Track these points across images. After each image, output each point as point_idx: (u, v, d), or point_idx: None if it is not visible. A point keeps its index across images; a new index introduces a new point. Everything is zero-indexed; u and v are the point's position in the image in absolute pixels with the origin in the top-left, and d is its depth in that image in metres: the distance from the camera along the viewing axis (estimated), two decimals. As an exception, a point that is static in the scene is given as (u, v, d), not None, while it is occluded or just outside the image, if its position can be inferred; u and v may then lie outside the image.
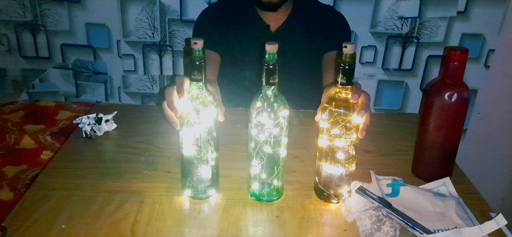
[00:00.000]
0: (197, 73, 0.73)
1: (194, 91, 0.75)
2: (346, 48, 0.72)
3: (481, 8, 1.53)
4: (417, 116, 1.22)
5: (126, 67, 1.65)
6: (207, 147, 0.78)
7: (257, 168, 0.79)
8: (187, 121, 0.76)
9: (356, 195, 0.78)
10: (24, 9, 1.56)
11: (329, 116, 0.76)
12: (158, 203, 0.80)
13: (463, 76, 0.83)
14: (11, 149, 1.28)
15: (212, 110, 0.76)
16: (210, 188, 0.82)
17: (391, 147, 1.05)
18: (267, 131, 0.75)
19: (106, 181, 0.87)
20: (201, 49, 0.72)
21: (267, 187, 0.81)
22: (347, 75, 0.73)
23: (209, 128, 0.77)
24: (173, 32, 1.59)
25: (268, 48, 0.70)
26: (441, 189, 0.86)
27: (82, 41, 1.61)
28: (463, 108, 0.85)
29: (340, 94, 0.75)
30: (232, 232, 0.74)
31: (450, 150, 0.89)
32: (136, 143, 1.02)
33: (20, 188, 1.18)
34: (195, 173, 0.80)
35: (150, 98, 1.72)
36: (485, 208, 0.82)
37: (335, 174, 0.79)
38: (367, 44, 1.60)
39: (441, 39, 1.58)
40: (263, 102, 0.74)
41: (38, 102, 1.55)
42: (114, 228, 0.74)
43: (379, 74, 1.66)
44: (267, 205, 0.81)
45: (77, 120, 1.03)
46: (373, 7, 1.54)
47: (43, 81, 1.69)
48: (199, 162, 0.79)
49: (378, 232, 0.71)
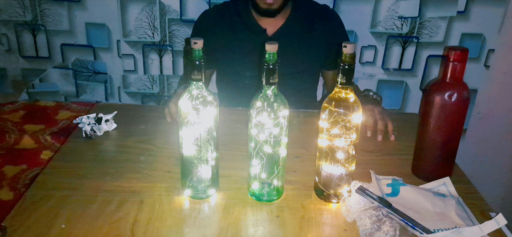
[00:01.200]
0: (197, 73, 0.73)
1: (194, 91, 0.75)
2: (346, 48, 0.72)
3: (481, 8, 1.53)
4: (417, 116, 1.22)
5: (126, 67, 1.65)
6: (207, 147, 0.78)
7: (257, 168, 0.79)
8: (187, 121, 0.76)
9: (356, 195, 0.78)
10: (24, 9, 1.56)
11: (329, 116, 0.76)
12: (158, 203, 0.80)
13: (463, 76, 0.83)
14: (11, 149, 1.28)
15: (212, 110, 0.76)
16: (210, 188, 0.82)
17: (391, 147, 1.05)
18: (267, 131, 0.75)
19: (106, 181, 0.87)
20: (201, 49, 0.72)
21: (267, 186, 0.81)
22: (347, 75, 0.73)
23: (209, 128, 0.76)
24: (173, 32, 1.59)
25: (268, 48, 0.70)
26: (441, 189, 0.86)
27: (82, 41, 1.61)
28: (463, 108, 0.85)
29: (340, 94, 0.75)
30: (232, 232, 0.74)
31: (450, 150, 0.89)
32: (136, 143, 1.02)
33: (20, 188, 1.18)
34: (195, 173, 0.80)
35: (150, 98, 1.72)
36: (485, 208, 0.82)
37: (335, 174, 0.79)
38: (367, 44, 1.60)
39: (441, 39, 1.58)
40: (263, 101, 0.74)
41: (38, 102, 1.55)
42: (114, 228, 0.74)
43: (379, 74, 1.66)
44: (267, 205, 0.81)
45: (77, 120, 1.03)
46: (373, 7, 1.54)
47: (43, 81, 1.69)
48: (199, 162, 0.79)
49: (378, 232, 0.71)
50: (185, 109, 0.75)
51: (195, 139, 0.76)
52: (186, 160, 0.79)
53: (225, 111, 1.19)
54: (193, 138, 0.77)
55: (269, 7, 1.21)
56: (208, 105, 0.75)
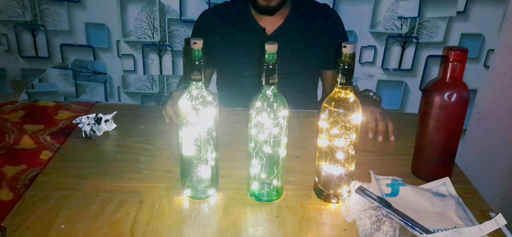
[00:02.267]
0: (197, 73, 0.73)
1: (193, 91, 0.75)
2: (345, 48, 0.72)
3: (480, 8, 1.53)
4: (417, 116, 1.22)
5: (125, 67, 1.65)
6: (207, 147, 0.78)
7: (256, 168, 0.79)
8: (187, 121, 0.75)
9: (355, 195, 0.78)
10: (23, 9, 1.56)
11: (329, 116, 0.76)
12: (158, 203, 0.80)
13: (462, 76, 0.83)
14: (10, 149, 1.28)
15: (211, 110, 0.76)
16: (210, 188, 0.82)
17: (391, 147, 1.05)
18: (267, 131, 0.75)
19: (106, 181, 0.87)
20: (201, 49, 0.72)
21: (267, 187, 0.81)
22: (346, 75, 0.73)
23: (208, 128, 0.76)
24: (173, 32, 1.59)
25: (268, 48, 0.70)
26: (440, 189, 0.86)
27: (81, 41, 1.61)
28: (463, 108, 0.85)
29: (339, 94, 0.75)
30: (232, 232, 0.74)
31: (450, 150, 0.89)
32: (135, 143, 1.02)
33: (19, 188, 1.18)
34: (195, 173, 0.80)
35: (150, 98, 1.72)
36: (485, 208, 0.82)
37: (335, 174, 0.79)
38: (367, 44, 1.60)
39: (441, 39, 1.58)
40: (262, 102, 0.74)
41: (38, 102, 1.54)
42: (113, 228, 0.74)
43: (379, 74, 1.66)
44: (266, 205, 0.81)
45: (76, 120, 1.03)
46: (373, 7, 1.54)
47: (43, 81, 1.68)
48: (199, 162, 0.79)
49: (377, 232, 0.71)
50: (185, 109, 0.75)
51: (195, 139, 0.76)
52: (185, 160, 0.79)
53: (225, 111, 1.19)
54: (193, 138, 0.76)
55: (268, 4, 1.21)
56: (207, 105, 0.75)
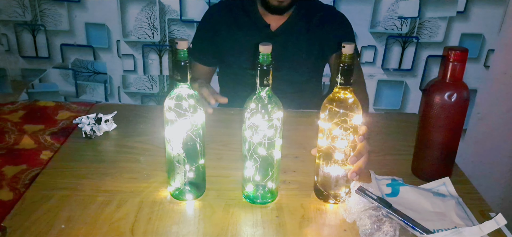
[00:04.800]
0: (182, 74, 0.72)
1: (181, 92, 0.74)
2: (345, 48, 0.71)
3: (480, 8, 1.53)
4: (417, 116, 1.22)
5: (125, 67, 1.65)
6: (195, 148, 0.77)
7: (251, 170, 0.78)
8: (174, 122, 0.75)
9: (355, 195, 0.78)
10: (23, 9, 1.56)
11: (328, 117, 0.76)
12: (158, 203, 0.80)
13: (462, 76, 0.83)
14: (10, 149, 1.28)
15: (199, 111, 0.75)
16: (197, 190, 0.82)
17: (391, 147, 1.04)
18: (261, 133, 0.74)
19: (106, 181, 0.87)
20: (185, 49, 0.71)
21: (261, 189, 0.81)
22: (346, 75, 0.73)
23: (196, 130, 0.76)
24: (173, 32, 1.59)
25: (261, 49, 0.69)
26: (440, 189, 0.86)
27: (81, 41, 1.61)
28: (463, 108, 0.85)
29: (339, 95, 0.75)
30: (232, 232, 0.74)
31: (450, 150, 0.89)
32: (135, 143, 1.02)
33: (19, 188, 1.18)
34: (181, 174, 0.79)
35: (150, 98, 1.72)
36: (485, 208, 0.82)
37: (335, 175, 0.79)
38: (367, 44, 1.60)
39: (441, 39, 1.58)
40: (256, 103, 0.73)
41: (38, 102, 1.54)
42: (113, 228, 0.74)
43: (379, 74, 1.66)
44: (266, 205, 0.81)
45: (76, 120, 1.03)
46: (373, 7, 1.54)
47: (43, 81, 1.68)
48: (181, 163, 0.78)
49: (378, 232, 0.71)
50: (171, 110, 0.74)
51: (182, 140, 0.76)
52: (172, 162, 0.79)
53: (225, 111, 1.19)
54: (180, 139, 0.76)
55: (280, 4, 1.23)
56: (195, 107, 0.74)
